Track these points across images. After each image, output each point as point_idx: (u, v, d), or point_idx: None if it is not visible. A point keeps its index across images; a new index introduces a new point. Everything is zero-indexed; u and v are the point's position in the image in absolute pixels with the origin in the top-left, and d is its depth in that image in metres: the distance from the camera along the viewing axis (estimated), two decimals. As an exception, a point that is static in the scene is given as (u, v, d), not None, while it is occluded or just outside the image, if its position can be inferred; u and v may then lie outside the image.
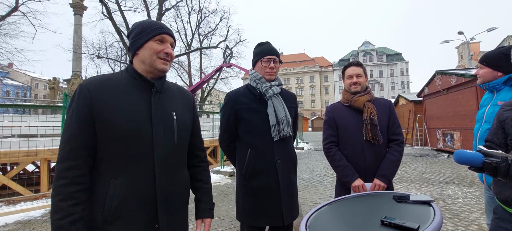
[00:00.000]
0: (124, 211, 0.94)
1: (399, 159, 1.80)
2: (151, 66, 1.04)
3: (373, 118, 1.77)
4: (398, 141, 1.84)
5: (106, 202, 0.92)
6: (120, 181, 0.94)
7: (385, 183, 1.72)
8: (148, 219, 0.98)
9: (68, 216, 0.85)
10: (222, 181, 6.38)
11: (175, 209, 1.07)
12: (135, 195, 0.96)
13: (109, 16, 14.58)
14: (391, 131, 1.86)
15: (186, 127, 1.14)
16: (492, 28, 16.63)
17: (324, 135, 1.98)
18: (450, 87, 9.47)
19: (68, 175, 0.88)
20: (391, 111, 1.89)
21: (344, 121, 1.89)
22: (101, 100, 0.94)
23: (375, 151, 1.79)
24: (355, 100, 1.85)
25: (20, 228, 3.53)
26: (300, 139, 17.64)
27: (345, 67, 1.98)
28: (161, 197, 1.01)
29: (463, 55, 59.71)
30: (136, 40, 1.03)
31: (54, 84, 14.65)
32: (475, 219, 3.43)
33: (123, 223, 0.94)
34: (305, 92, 70.21)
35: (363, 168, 1.78)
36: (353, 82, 1.89)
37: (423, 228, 0.86)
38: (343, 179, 1.80)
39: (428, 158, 9.15)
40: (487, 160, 0.97)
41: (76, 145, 0.91)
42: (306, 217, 1.10)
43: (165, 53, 1.05)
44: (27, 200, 4.65)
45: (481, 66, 1.76)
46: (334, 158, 1.86)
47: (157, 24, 1.06)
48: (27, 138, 5.46)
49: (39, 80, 55.71)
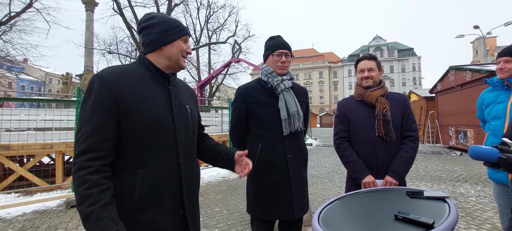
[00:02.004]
0: (153, 200, 0.98)
1: (413, 156, 1.74)
2: (176, 63, 1.10)
3: (385, 113, 1.72)
4: (412, 137, 1.78)
5: (135, 192, 0.94)
6: (147, 171, 0.96)
7: (397, 180, 1.68)
8: (175, 206, 1.04)
9: (98, 201, 0.83)
10: (230, 175, 6.43)
11: (194, 195, 1.15)
12: (163, 184, 1.00)
13: (119, 12, 14.79)
14: (405, 126, 1.80)
15: (196, 118, 1.22)
16: (510, 22, 15.98)
17: (335, 130, 1.95)
18: (465, 84, 9.21)
19: (93, 164, 0.87)
20: (406, 107, 1.83)
21: (356, 116, 1.85)
22: (125, 91, 0.95)
23: (387, 147, 1.75)
24: (367, 95, 1.80)
25: (37, 217, 3.67)
26: (308, 135, 17.54)
27: (357, 60, 1.93)
28: (185, 184, 1.06)
29: (478, 50, 57.73)
30: (166, 36, 1.06)
31: (67, 79, 15.00)
32: (489, 218, 3.35)
33: (153, 211, 0.98)
34: (313, 88, 69.54)
35: (375, 164, 1.75)
36: (364, 77, 1.84)
37: (438, 223, 0.85)
38: (354, 175, 1.77)
39: (440, 156, 8.95)
40: (503, 156, 0.96)
41: (101, 136, 0.90)
42: (318, 210, 1.10)
43: (187, 53, 1.13)
44: (43, 191, 4.82)
45: (510, 59, 1.68)
46: (345, 153, 1.83)
47: (182, 24, 1.12)
48: (43, 131, 5.62)
49: (53, 76, 57.08)
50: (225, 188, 5.18)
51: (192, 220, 1.10)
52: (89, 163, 0.87)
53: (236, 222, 3.40)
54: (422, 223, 0.85)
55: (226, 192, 4.91)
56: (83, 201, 0.83)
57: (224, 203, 4.21)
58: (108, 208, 0.84)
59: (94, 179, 0.85)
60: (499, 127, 1.70)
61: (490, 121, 1.80)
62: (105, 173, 0.90)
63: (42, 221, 3.51)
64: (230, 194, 4.78)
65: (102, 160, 0.90)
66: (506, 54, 1.69)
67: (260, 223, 1.69)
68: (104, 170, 0.89)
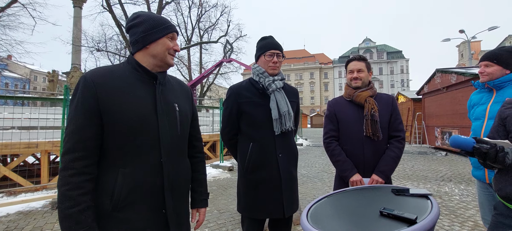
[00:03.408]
0: (133, 199, 0.98)
1: (399, 155, 1.79)
2: (162, 61, 1.09)
3: (373, 114, 1.77)
4: (399, 137, 1.84)
5: (115, 190, 0.95)
6: (128, 170, 0.98)
7: (383, 178, 1.73)
8: (156, 206, 1.03)
9: (76, 205, 0.87)
10: (221, 175, 6.42)
11: (180, 195, 1.13)
12: (144, 183, 1.00)
13: (109, 9, 14.50)
14: (392, 127, 1.85)
15: (187, 117, 1.20)
16: (494, 27, 16.60)
17: (324, 129, 1.98)
18: (450, 86, 9.50)
19: (76, 166, 0.90)
20: (393, 107, 1.88)
21: (345, 115, 1.89)
22: (107, 92, 0.96)
23: (375, 146, 1.79)
24: (357, 96, 1.85)
25: (22, 218, 3.57)
26: (299, 135, 17.67)
27: (347, 61, 1.97)
28: (168, 184, 1.05)
29: (464, 53, 59.61)
30: (150, 34, 1.05)
31: (54, 77, 14.61)
32: (471, 215, 3.48)
33: (132, 210, 0.98)
34: (304, 88, 70.09)
35: (362, 163, 1.79)
36: (354, 77, 1.87)
37: (421, 219, 0.89)
38: (342, 173, 1.81)
39: (426, 156, 9.20)
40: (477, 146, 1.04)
41: (84, 136, 0.92)
42: (307, 207, 1.12)
43: (174, 50, 1.11)
44: (28, 191, 4.69)
45: (490, 64, 1.73)
46: (333, 152, 1.87)
47: (168, 21, 1.11)
48: (28, 130, 5.47)
49: (38, 73, 55.47)
50: (215, 188, 5.17)
51: (176, 221, 1.09)
52: (73, 164, 0.90)
53: (227, 222, 3.40)
54: (405, 219, 0.89)
55: (216, 191, 4.90)
56: (63, 201, 0.88)
57: (214, 203, 4.20)
58: (86, 213, 0.89)
59: (75, 181, 0.89)
60: (478, 127, 1.78)
61: (473, 121, 1.88)
62: (87, 175, 0.92)
63: (27, 222, 3.42)
64: (220, 193, 4.77)
65: (85, 160, 0.92)
66: (486, 59, 1.76)
67: (251, 222, 1.70)
68: (86, 171, 0.92)
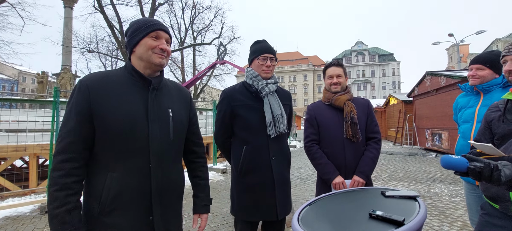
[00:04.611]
0: (120, 203, 0.98)
1: (377, 156, 1.87)
2: (148, 62, 1.07)
3: (353, 116, 1.83)
4: (375, 139, 1.92)
5: (103, 194, 0.96)
6: (116, 174, 0.98)
7: (364, 179, 1.79)
8: (143, 212, 1.02)
9: (64, 205, 0.90)
10: (214, 177, 6.40)
11: (169, 202, 1.11)
12: (131, 188, 1.00)
13: (100, 9, 14.29)
14: (369, 129, 1.93)
15: (182, 123, 1.17)
16: (481, 31, 17.03)
17: (305, 133, 2.02)
18: (440, 88, 9.70)
19: (65, 167, 0.92)
20: (369, 110, 1.96)
21: (325, 119, 1.93)
22: (99, 96, 0.98)
23: (355, 148, 1.85)
24: (336, 99, 1.90)
25: (9, 223, 3.48)
26: (293, 137, 17.75)
27: (326, 67, 2.03)
28: (156, 190, 1.04)
29: (453, 57, 60.98)
30: (132, 38, 1.07)
31: (43, 78, 14.32)
32: (460, 215, 3.56)
33: (118, 215, 0.98)
34: (298, 90, 70.56)
35: (344, 166, 1.84)
36: (333, 83, 1.93)
37: (409, 220, 0.91)
38: (324, 176, 1.84)
39: (417, 157, 9.37)
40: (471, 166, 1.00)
41: (74, 138, 0.95)
42: (298, 211, 1.14)
43: (160, 49, 1.07)
44: (15, 196, 4.58)
45: (482, 67, 1.73)
46: (315, 156, 1.90)
47: (151, 21, 1.09)
48: (16, 133, 5.35)
49: (27, 74, 54.26)
50: (209, 191, 5.15)
51: (164, 228, 1.08)
52: (62, 165, 0.92)
53: (220, 225, 3.40)
54: (393, 221, 0.91)
55: (210, 194, 4.88)
56: (51, 201, 0.91)
57: (208, 206, 4.17)
58: (72, 213, 0.91)
59: (63, 182, 0.91)
60: (467, 130, 1.82)
61: (461, 124, 1.92)
62: (76, 176, 0.94)
63: (14, 228, 3.34)
64: (213, 196, 4.74)
65: (74, 162, 0.94)
66: (478, 62, 1.76)
67: (244, 225, 1.71)
68: (74, 173, 0.94)
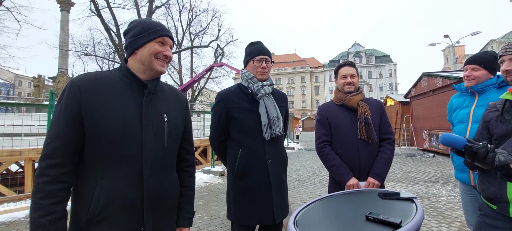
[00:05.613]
0: (110, 213, 0.91)
1: (391, 157, 1.84)
2: (149, 67, 1.03)
3: (367, 117, 1.80)
4: (389, 140, 1.89)
5: (92, 202, 0.90)
6: (107, 182, 0.92)
7: (379, 181, 1.75)
8: (134, 222, 0.96)
9: (48, 214, 0.83)
10: (212, 180, 6.36)
11: (162, 212, 1.05)
12: (122, 197, 0.93)
13: (97, 13, 14.27)
14: (383, 130, 1.90)
15: (177, 129, 1.12)
16: (476, 32, 17.25)
17: (317, 135, 1.98)
18: (436, 89, 9.76)
19: (51, 173, 0.86)
20: (382, 111, 1.94)
21: (337, 120, 1.90)
22: (91, 98, 0.92)
23: (369, 149, 1.81)
24: (349, 100, 1.87)
25: (4, 229, 3.43)
26: (290, 139, 17.75)
27: (338, 67, 1.99)
28: (148, 200, 0.98)
29: (449, 58, 61.40)
30: (137, 39, 1.01)
31: (39, 82, 14.25)
32: (458, 216, 3.56)
33: (107, 225, 0.91)
34: (295, 92, 70.60)
35: (358, 167, 1.80)
36: (347, 82, 1.90)
37: (405, 222, 0.90)
38: (338, 178, 1.79)
39: (415, 158, 9.39)
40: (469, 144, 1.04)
41: (62, 142, 0.88)
42: (295, 213, 1.13)
43: (164, 56, 1.05)
44: (10, 201, 4.51)
45: (477, 68, 1.72)
46: (328, 157, 1.86)
47: (159, 26, 1.05)
48: (11, 137, 5.29)
49: (23, 78, 53.94)
50: (206, 194, 5.12)
51: None
52: (48, 171, 0.86)
53: (218, 228, 3.37)
54: (390, 223, 0.90)
55: (207, 197, 4.85)
56: (35, 209, 0.84)
57: (205, 209, 4.15)
58: (57, 224, 0.85)
59: (49, 189, 0.85)
60: (462, 130, 1.81)
61: (456, 125, 1.91)
62: (63, 183, 0.88)
63: (9, 233, 3.29)
64: (211, 199, 4.72)
65: (61, 167, 0.88)
66: (473, 62, 1.75)
67: (241, 229, 1.68)
68: (61, 180, 0.88)
